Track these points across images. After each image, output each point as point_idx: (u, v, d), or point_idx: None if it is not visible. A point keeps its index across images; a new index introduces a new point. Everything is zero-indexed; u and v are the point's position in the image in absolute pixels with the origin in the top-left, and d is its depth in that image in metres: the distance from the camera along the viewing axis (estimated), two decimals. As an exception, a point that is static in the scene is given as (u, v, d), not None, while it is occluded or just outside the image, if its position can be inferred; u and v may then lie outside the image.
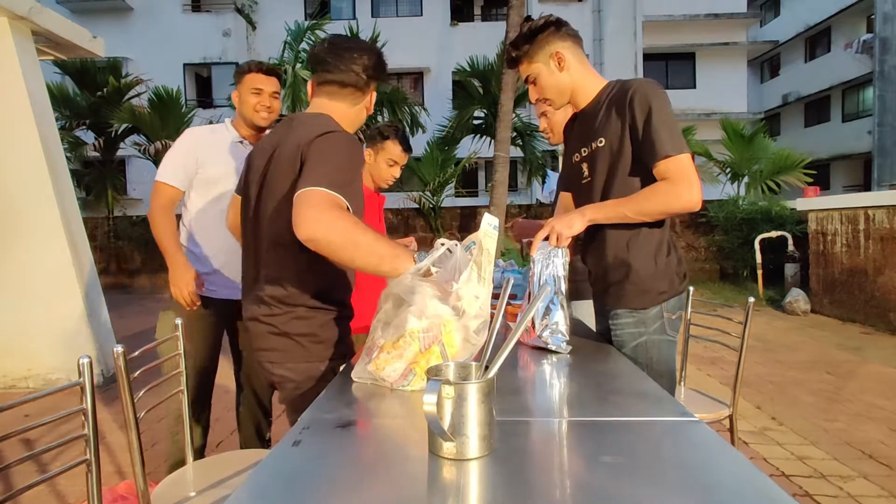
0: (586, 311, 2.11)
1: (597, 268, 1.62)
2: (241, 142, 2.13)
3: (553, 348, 1.46)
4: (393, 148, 2.38)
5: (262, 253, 1.44)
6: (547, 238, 1.47)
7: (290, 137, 1.38)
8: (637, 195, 1.42)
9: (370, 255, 1.17)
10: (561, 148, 1.92)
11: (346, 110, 1.48)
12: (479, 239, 1.15)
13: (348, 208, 1.22)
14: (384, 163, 2.39)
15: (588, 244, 1.64)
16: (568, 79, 1.52)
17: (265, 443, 2.29)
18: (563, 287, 1.50)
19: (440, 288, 1.13)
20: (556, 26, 1.49)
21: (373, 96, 1.54)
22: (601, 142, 1.50)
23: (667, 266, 1.50)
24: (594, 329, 1.83)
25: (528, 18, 1.54)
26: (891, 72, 15.13)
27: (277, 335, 1.40)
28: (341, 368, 1.40)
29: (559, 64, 1.50)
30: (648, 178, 1.44)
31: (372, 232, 1.19)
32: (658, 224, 1.50)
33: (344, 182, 1.23)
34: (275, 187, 1.39)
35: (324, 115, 1.42)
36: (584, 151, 1.57)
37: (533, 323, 1.49)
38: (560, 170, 2.54)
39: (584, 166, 1.58)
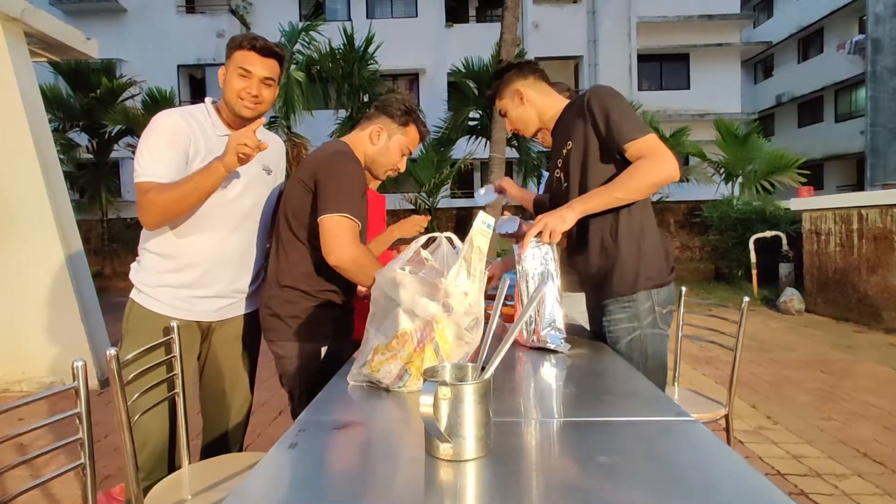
0: (580, 305, 2.11)
1: (585, 265, 1.64)
2: (226, 136, 1.68)
3: (552, 347, 1.45)
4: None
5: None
6: (538, 235, 1.48)
7: None
8: (621, 177, 1.49)
9: None
10: None
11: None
12: (471, 236, 1.15)
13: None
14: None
15: (574, 244, 1.68)
16: (531, 111, 1.74)
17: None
18: (557, 284, 1.50)
19: (427, 283, 1.13)
20: (518, 68, 1.75)
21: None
22: (569, 145, 1.62)
23: (652, 251, 1.56)
24: (587, 323, 1.83)
25: (499, 62, 1.69)
26: (883, 72, 15.23)
27: (271, 316, 1.66)
28: (324, 350, 1.64)
29: (521, 99, 1.73)
30: (619, 162, 1.53)
31: None
32: (636, 208, 1.55)
33: None
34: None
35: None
36: (559, 162, 1.68)
37: (531, 325, 1.49)
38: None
39: (561, 175, 1.69)
